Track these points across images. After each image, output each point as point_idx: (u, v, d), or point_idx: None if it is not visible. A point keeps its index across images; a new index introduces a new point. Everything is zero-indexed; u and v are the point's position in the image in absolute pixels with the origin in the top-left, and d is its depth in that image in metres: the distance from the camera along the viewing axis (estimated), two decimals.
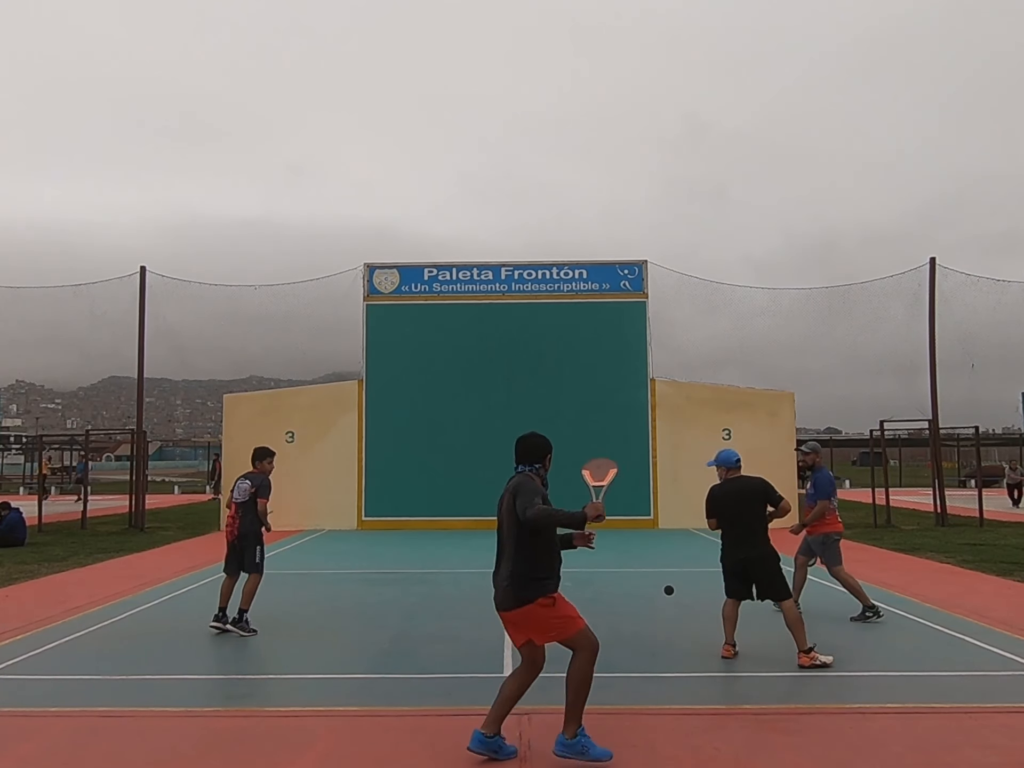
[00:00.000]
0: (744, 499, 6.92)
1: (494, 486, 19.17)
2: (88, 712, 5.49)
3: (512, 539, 4.60)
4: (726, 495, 7.03)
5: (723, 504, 7.01)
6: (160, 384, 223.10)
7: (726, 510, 6.97)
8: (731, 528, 6.95)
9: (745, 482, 7.03)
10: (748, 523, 6.85)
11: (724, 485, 7.14)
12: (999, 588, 10.18)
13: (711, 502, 7.13)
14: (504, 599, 4.59)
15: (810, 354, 21.42)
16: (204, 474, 49.15)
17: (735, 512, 6.92)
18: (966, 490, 30.54)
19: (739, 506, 6.91)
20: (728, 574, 7.02)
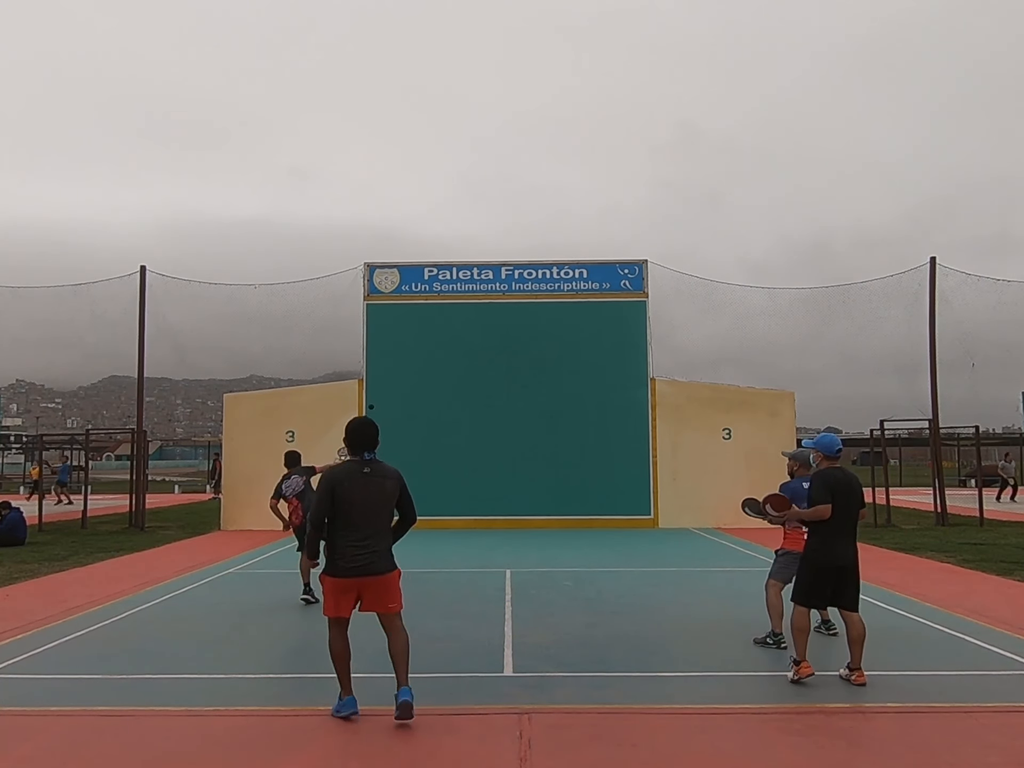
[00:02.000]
0: (855, 492, 6.18)
1: (494, 486, 19.23)
2: (88, 712, 5.50)
3: (387, 519, 5.46)
4: (840, 483, 6.13)
5: (840, 493, 6.08)
6: (160, 384, 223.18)
7: (841, 500, 6.07)
8: (840, 523, 6.06)
9: (853, 475, 6.29)
10: (853, 521, 6.16)
11: (838, 471, 6.24)
12: (999, 588, 10.18)
13: (832, 486, 6.10)
14: (384, 564, 5.37)
15: (810, 354, 21.42)
16: (204, 473, 49.16)
17: (847, 505, 6.09)
18: (966, 489, 30.55)
19: (850, 499, 6.13)
20: (821, 577, 6.09)
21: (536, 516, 18.51)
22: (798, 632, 6.05)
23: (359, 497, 5.34)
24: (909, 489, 29.96)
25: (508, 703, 5.56)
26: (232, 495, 18.92)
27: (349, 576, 5.28)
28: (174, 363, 22.13)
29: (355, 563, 5.28)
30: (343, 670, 5.44)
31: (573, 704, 5.56)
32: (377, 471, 5.43)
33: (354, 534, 5.31)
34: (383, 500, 5.41)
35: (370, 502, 5.36)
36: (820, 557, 6.06)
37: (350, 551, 5.29)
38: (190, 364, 22.55)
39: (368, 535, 5.32)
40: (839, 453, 6.33)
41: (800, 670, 5.94)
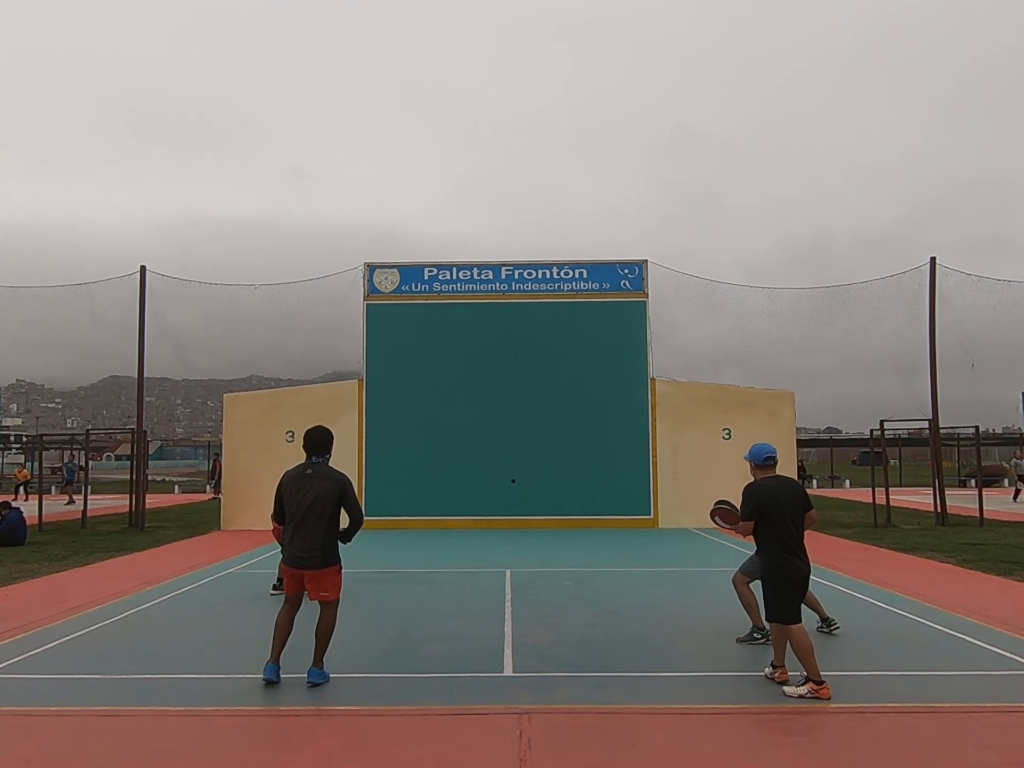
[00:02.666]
0: (792, 499, 6.02)
1: (494, 486, 19.23)
2: (88, 712, 5.50)
3: (327, 519, 5.95)
4: (771, 493, 6.00)
5: (772, 503, 5.95)
6: (160, 384, 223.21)
7: (776, 510, 5.92)
8: (786, 533, 5.90)
9: (792, 482, 6.23)
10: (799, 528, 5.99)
11: (771, 480, 6.12)
12: (999, 588, 10.18)
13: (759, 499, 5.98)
14: (313, 560, 5.94)
15: (810, 354, 21.40)
16: (204, 473, 49.18)
17: (785, 514, 5.93)
18: (966, 490, 30.55)
19: (787, 507, 5.96)
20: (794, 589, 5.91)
21: (536, 516, 18.52)
22: (806, 654, 5.71)
23: (299, 496, 5.98)
24: (909, 489, 29.97)
25: (508, 703, 5.56)
26: (232, 495, 18.92)
27: (291, 566, 6.05)
28: (174, 363, 22.14)
29: (292, 555, 6.02)
30: (278, 640, 6.10)
31: (573, 704, 5.56)
32: (318, 474, 6.04)
33: (293, 528, 6.02)
34: (320, 500, 5.95)
35: (307, 501, 5.96)
36: (787, 572, 5.87)
37: (292, 543, 6.01)
38: (190, 364, 22.57)
39: (304, 531, 5.96)
40: (768, 462, 6.19)
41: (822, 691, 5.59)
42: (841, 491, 36.11)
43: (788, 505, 5.95)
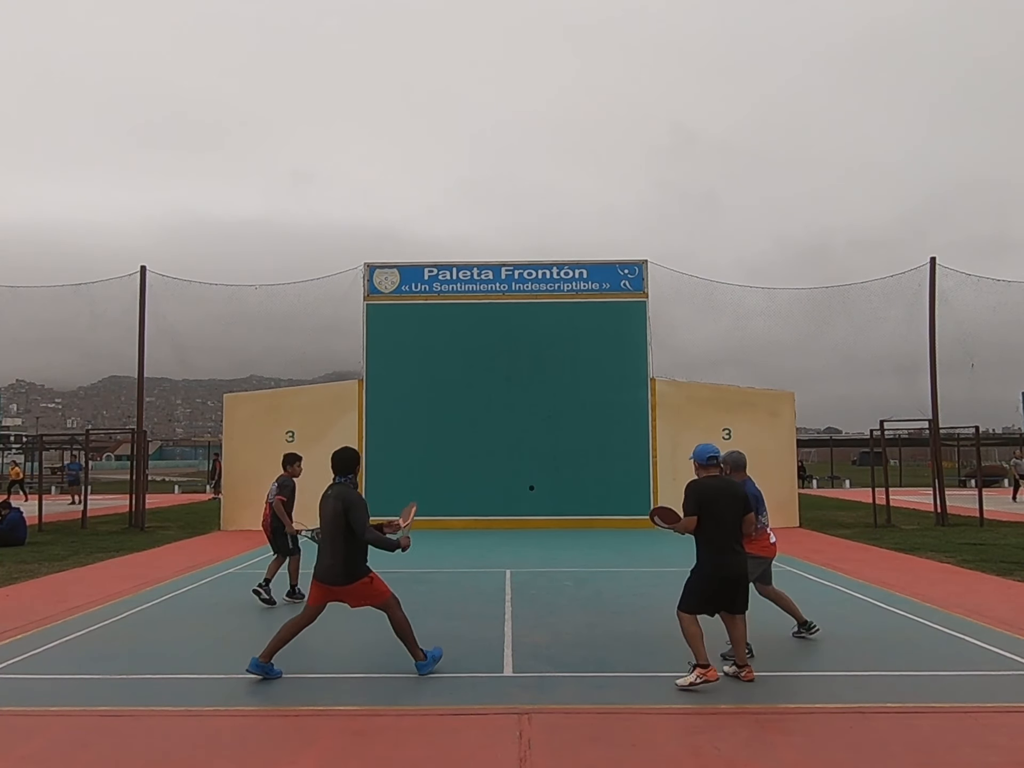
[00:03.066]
0: (733, 500, 6.18)
1: (494, 486, 19.20)
2: (88, 712, 5.50)
3: (341, 537, 6.18)
4: (711, 492, 6.14)
5: (712, 502, 6.09)
6: (160, 384, 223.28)
7: (715, 509, 6.09)
8: (719, 533, 6.06)
9: (733, 483, 6.42)
10: (735, 529, 6.14)
11: (710, 480, 6.25)
12: (999, 588, 10.18)
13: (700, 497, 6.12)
14: (336, 577, 6.16)
15: (810, 354, 21.40)
16: (204, 473, 49.17)
17: (723, 514, 6.09)
18: (966, 490, 30.55)
19: (727, 508, 6.12)
20: (708, 587, 6.10)
21: (536, 516, 18.51)
22: (692, 638, 6.01)
23: (322, 515, 6.36)
24: (909, 489, 29.96)
25: (508, 703, 5.57)
26: (232, 495, 18.92)
27: (316, 579, 6.29)
28: (174, 363, 22.12)
29: (317, 570, 6.31)
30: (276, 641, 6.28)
31: (573, 704, 5.56)
32: (333, 493, 6.33)
33: (320, 545, 6.38)
34: (331, 518, 6.25)
35: (325, 520, 6.31)
36: (706, 568, 6.07)
37: (318, 559, 6.31)
38: (190, 364, 22.55)
39: (324, 548, 6.29)
40: (711, 461, 6.28)
41: (708, 674, 5.84)
42: (841, 491, 36.10)
43: (728, 505, 6.12)
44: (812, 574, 11.42)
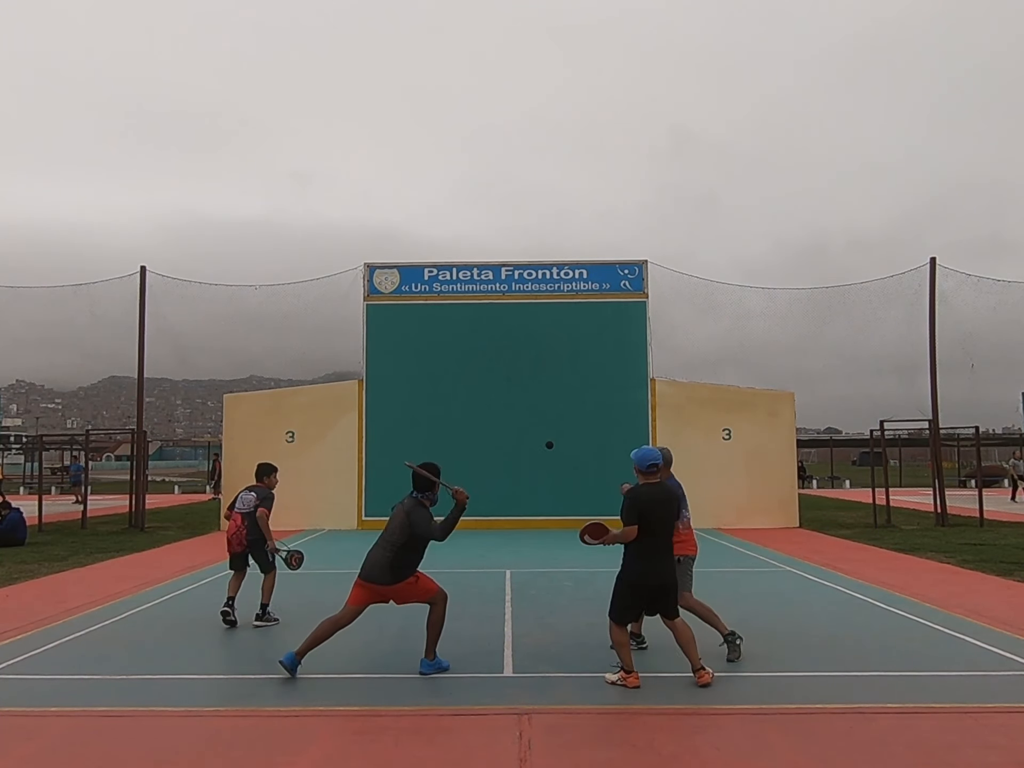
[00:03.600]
0: (668, 508, 6.09)
1: (494, 486, 19.16)
2: (88, 712, 5.50)
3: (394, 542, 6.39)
4: (650, 501, 6.04)
5: (649, 511, 5.99)
6: (160, 384, 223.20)
7: (652, 518, 5.98)
8: (652, 542, 5.98)
9: (669, 488, 6.27)
10: (669, 537, 6.07)
11: (648, 489, 6.12)
12: (999, 588, 10.18)
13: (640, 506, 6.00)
14: (382, 576, 6.32)
15: (810, 354, 21.40)
16: (204, 474, 49.16)
17: (659, 523, 6.00)
18: (966, 490, 30.55)
19: (664, 516, 6.04)
20: (636, 595, 6.02)
21: (536, 516, 18.52)
22: (619, 646, 6.02)
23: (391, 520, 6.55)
24: (909, 490, 29.95)
25: (508, 703, 5.57)
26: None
27: (361, 577, 6.44)
28: (174, 363, 22.15)
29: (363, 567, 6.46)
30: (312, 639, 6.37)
31: (573, 705, 5.56)
32: (402, 502, 6.60)
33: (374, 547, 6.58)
34: (393, 525, 6.48)
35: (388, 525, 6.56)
36: (634, 576, 6.00)
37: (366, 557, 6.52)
38: (190, 364, 22.56)
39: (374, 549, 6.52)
40: (651, 469, 6.12)
41: (629, 680, 5.89)
42: (841, 491, 36.11)
43: (665, 513, 6.06)
44: (812, 574, 11.42)
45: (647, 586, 6.01)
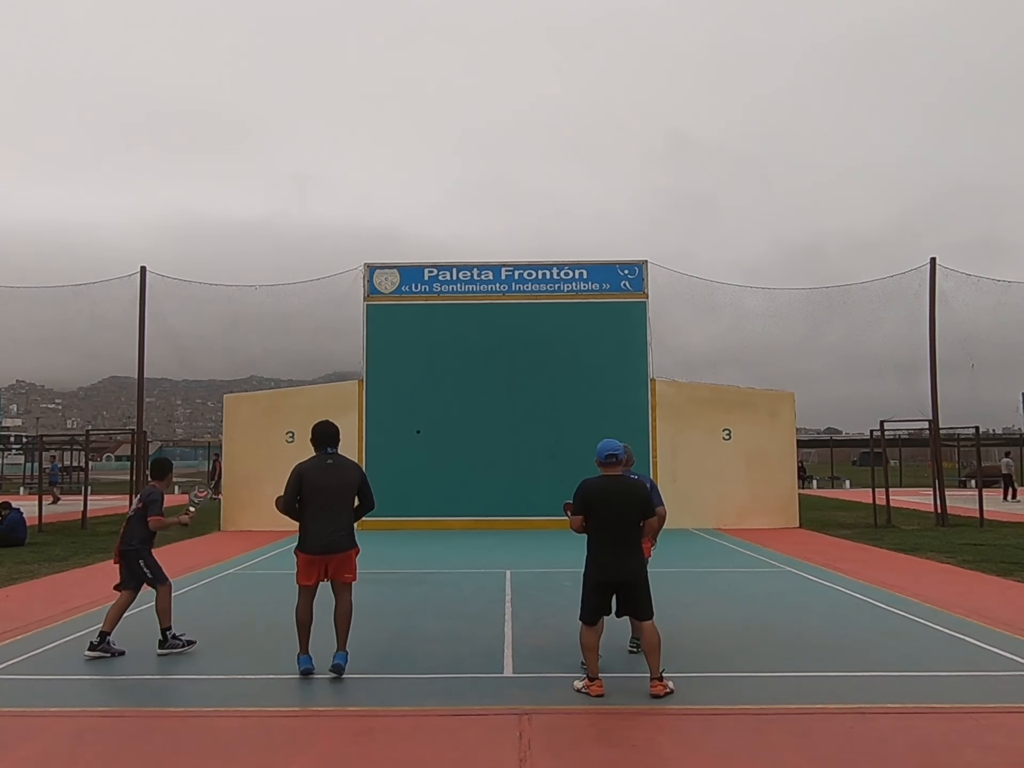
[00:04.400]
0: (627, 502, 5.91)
1: (494, 486, 19.15)
2: (88, 713, 5.50)
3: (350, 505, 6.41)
4: (602, 493, 5.89)
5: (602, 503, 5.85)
6: (160, 384, 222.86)
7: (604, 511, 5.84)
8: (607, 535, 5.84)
9: (628, 482, 6.10)
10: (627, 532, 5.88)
11: (601, 481, 6.01)
12: (999, 588, 10.18)
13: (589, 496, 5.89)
14: (344, 541, 6.31)
15: (810, 354, 21.42)
16: (204, 474, 49.15)
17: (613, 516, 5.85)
18: (966, 490, 30.54)
19: (619, 509, 5.87)
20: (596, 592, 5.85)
21: (536, 517, 18.49)
22: (585, 650, 5.81)
23: (324, 484, 6.30)
24: (909, 490, 29.96)
25: (508, 704, 5.56)
26: (232, 496, 18.92)
27: (320, 552, 6.24)
28: (174, 364, 22.16)
29: (321, 541, 6.24)
30: (304, 633, 6.34)
31: (573, 705, 5.55)
32: (340, 462, 6.42)
33: (322, 515, 6.29)
34: (347, 486, 6.37)
35: (333, 488, 6.31)
36: (592, 572, 5.85)
37: (320, 530, 6.24)
38: (190, 365, 22.56)
39: (334, 516, 6.29)
40: (609, 459, 6.03)
41: (592, 688, 5.67)
42: (841, 492, 36.10)
43: (617, 506, 5.83)
44: (812, 575, 11.41)
45: (604, 583, 5.82)
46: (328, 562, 6.26)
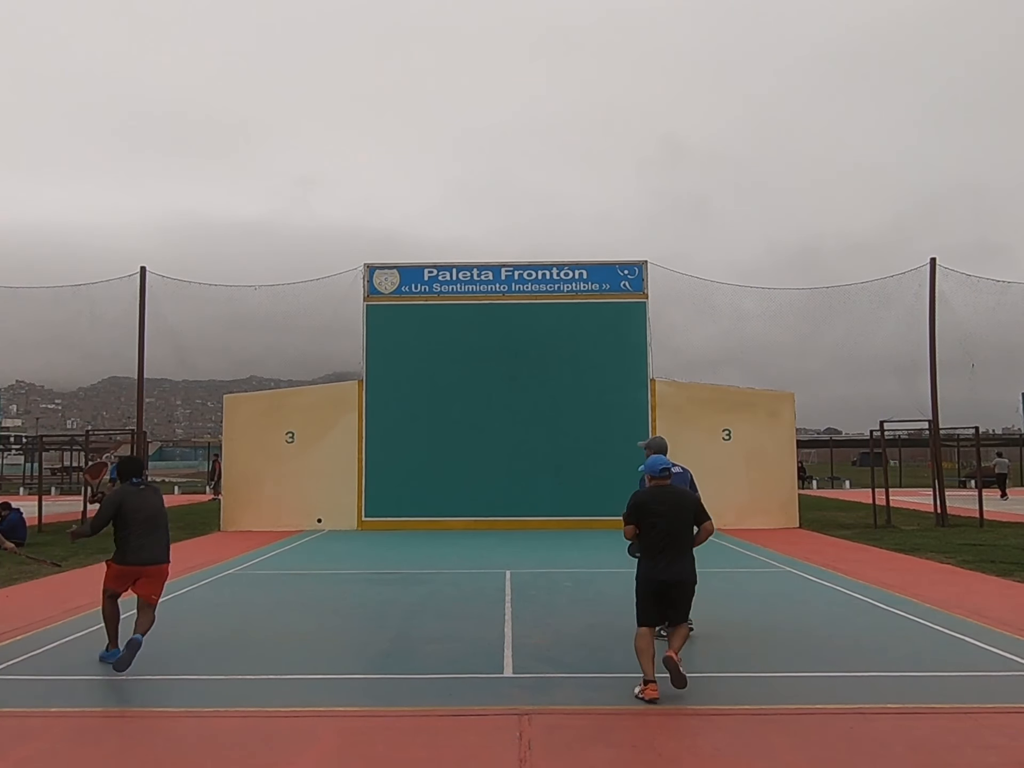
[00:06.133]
0: (677, 510, 6.14)
1: (494, 486, 19.10)
2: (88, 713, 5.50)
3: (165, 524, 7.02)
4: (650, 503, 6.14)
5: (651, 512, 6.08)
6: (160, 384, 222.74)
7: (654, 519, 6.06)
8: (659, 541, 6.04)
9: (679, 493, 6.38)
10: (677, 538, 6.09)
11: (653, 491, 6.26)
12: (999, 588, 10.18)
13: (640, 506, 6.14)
14: (162, 556, 6.86)
15: (810, 354, 21.41)
16: (204, 474, 49.13)
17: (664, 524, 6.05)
18: (966, 490, 30.54)
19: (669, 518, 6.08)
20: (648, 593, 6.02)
21: (536, 517, 18.51)
22: (639, 653, 5.84)
23: (143, 506, 6.87)
24: (909, 490, 29.93)
25: (508, 704, 5.56)
26: (232, 496, 18.92)
27: (142, 564, 6.70)
28: (174, 364, 22.14)
29: (144, 555, 6.74)
30: (112, 628, 6.84)
31: (573, 705, 5.56)
32: (150, 488, 7.11)
33: (144, 532, 6.82)
34: (159, 508, 6.99)
35: (151, 509, 6.91)
36: (644, 574, 6.05)
37: (143, 546, 6.75)
38: (190, 365, 22.57)
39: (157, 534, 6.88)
40: (663, 474, 6.26)
41: (647, 692, 5.65)
42: (841, 492, 36.09)
43: (665, 515, 6.04)
44: (812, 575, 11.42)
45: (656, 581, 5.96)
46: (149, 573, 6.74)
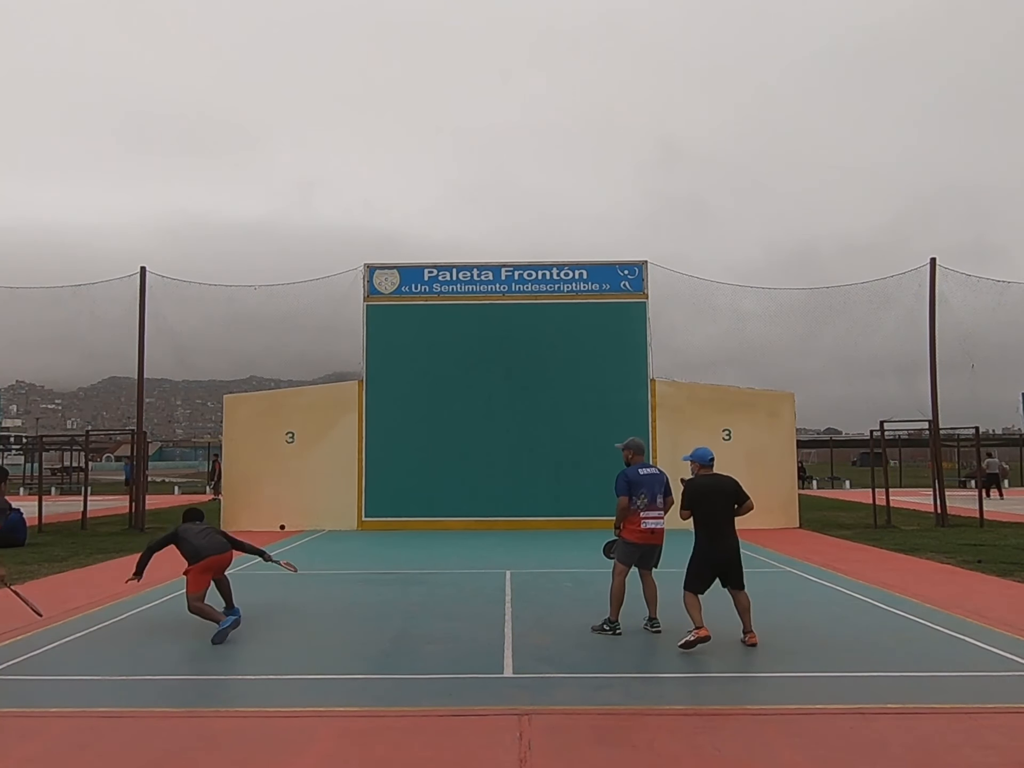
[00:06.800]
0: (726, 494, 7.24)
1: (494, 486, 19.11)
2: (88, 712, 5.49)
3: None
4: (704, 489, 7.24)
5: (705, 498, 7.20)
6: (160, 384, 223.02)
7: (708, 505, 7.19)
8: (714, 523, 7.15)
9: (723, 479, 7.36)
10: (727, 519, 7.17)
11: (703, 479, 7.36)
12: (999, 588, 10.18)
13: (694, 493, 7.26)
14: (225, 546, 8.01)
15: (810, 354, 21.40)
16: (204, 474, 49.17)
17: (717, 507, 7.18)
18: (966, 490, 30.55)
19: (720, 501, 7.21)
20: (703, 569, 7.14)
21: (536, 517, 18.51)
22: (690, 607, 7.01)
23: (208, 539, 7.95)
24: (909, 490, 29.93)
25: (508, 704, 5.56)
26: (232, 496, 18.93)
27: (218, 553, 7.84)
28: (174, 364, 22.15)
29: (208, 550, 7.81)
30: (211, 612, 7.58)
31: (573, 705, 5.56)
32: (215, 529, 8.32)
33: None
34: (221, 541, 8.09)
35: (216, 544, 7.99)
36: (702, 553, 7.14)
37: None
38: (190, 365, 22.57)
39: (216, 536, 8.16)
40: (711, 462, 7.41)
41: (699, 633, 6.77)
42: (841, 492, 36.10)
43: (717, 500, 7.18)
44: (812, 575, 11.42)
45: (712, 560, 7.08)
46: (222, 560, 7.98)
